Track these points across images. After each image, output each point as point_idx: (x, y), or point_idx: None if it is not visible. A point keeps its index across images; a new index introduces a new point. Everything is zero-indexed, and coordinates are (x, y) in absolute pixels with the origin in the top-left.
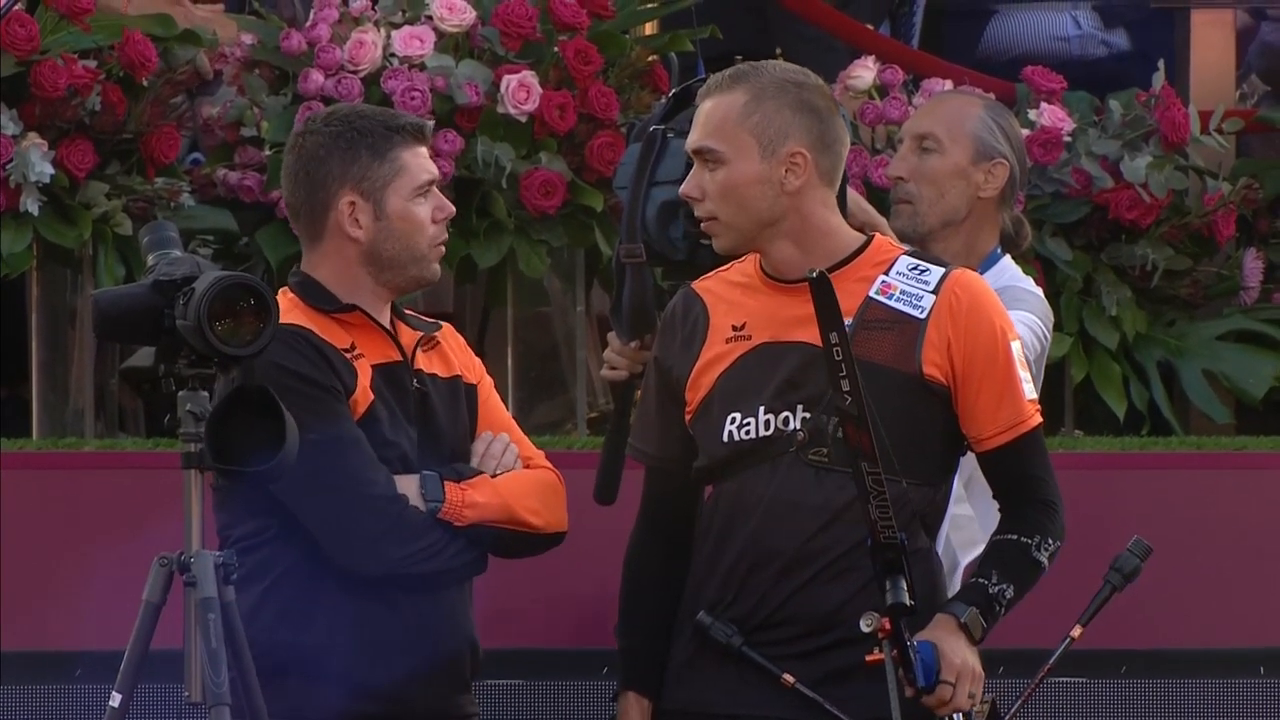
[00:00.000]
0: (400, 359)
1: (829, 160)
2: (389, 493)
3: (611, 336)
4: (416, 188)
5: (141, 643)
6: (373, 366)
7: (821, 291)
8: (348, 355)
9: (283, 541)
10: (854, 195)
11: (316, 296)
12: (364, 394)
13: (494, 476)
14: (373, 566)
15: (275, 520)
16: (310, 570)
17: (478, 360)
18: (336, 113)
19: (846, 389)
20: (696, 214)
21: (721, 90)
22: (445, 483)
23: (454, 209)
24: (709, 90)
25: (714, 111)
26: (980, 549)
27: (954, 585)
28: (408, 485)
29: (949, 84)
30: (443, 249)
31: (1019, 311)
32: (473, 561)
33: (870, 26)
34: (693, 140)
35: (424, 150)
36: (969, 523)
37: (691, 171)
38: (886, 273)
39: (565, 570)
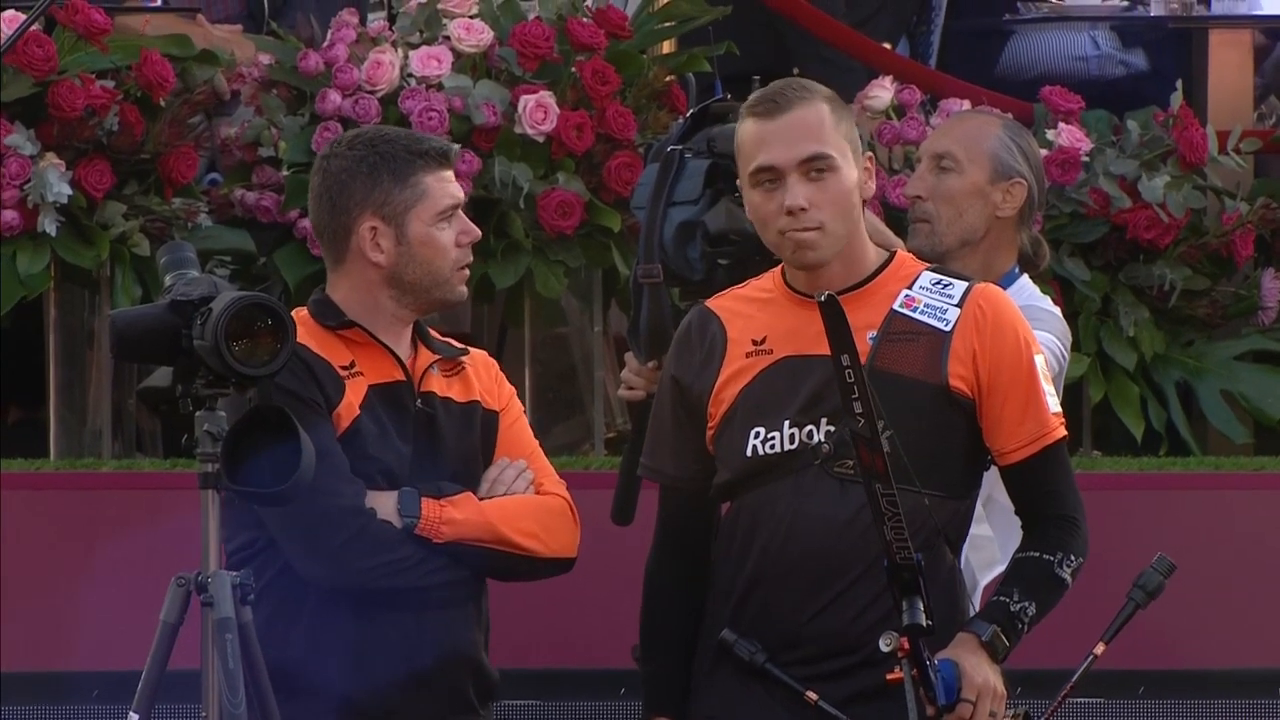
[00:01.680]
0: (403, 379)
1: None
2: (354, 505)
3: (629, 357)
4: (439, 212)
5: (159, 663)
6: (370, 385)
7: (831, 314)
8: (343, 371)
9: (268, 555)
10: (870, 217)
11: (324, 313)
12: (349, 410)
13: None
14: (337, 578)
15: (262, 534)
16: (292, 584)
17: (509, 388)
18: (361, 135)
19: (859, 410)
20: (804, 224)
21: (803, 100)
22: (424, 499)
23: (479, 232)
24: (787, 101)
25: (809, 119)
26: (999, 569)
27: (973, 606)
28: (384, 501)
29: (967, 104)
30: (466, 272)
31: (1037, 332)
32: (458, 581)
33: (888, 45)
34: (797, 152)
35: (448, 174)
36: (988, 543)
37: (792, 184)
38: (910, 287)
39: (583, 591)
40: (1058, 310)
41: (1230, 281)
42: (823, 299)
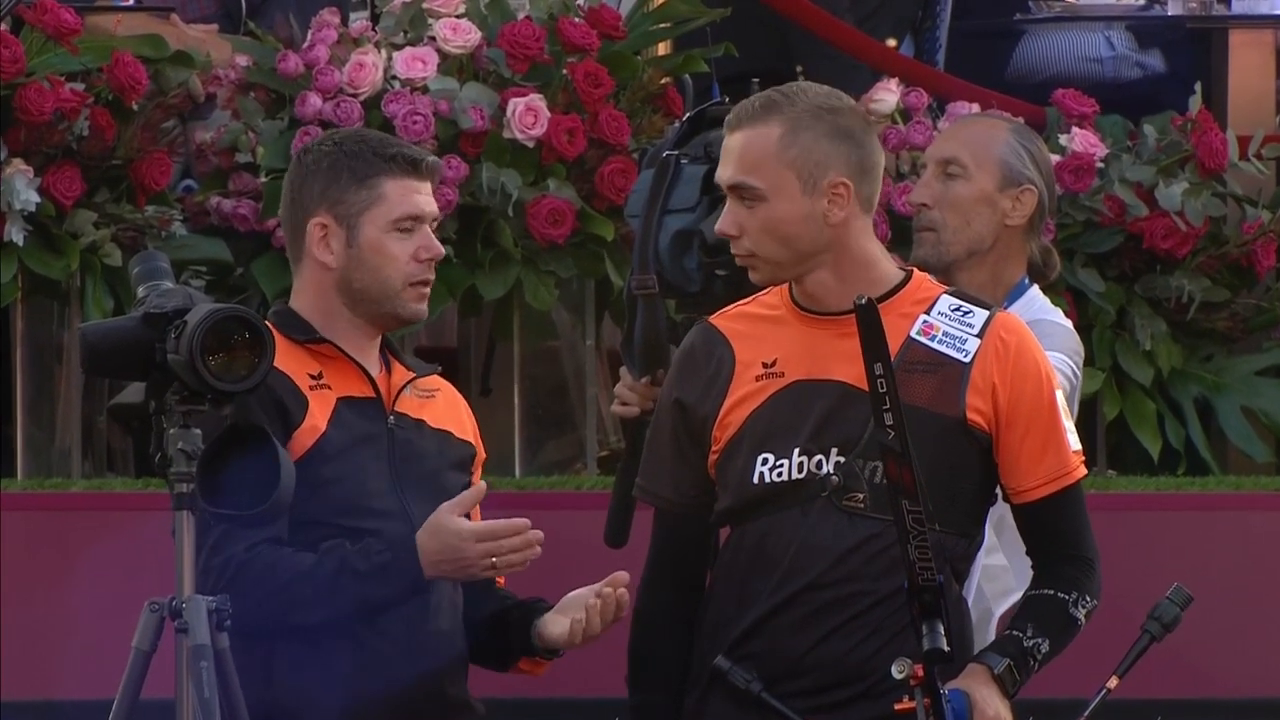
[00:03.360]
0: (372, 395)
1: (869, 187)
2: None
3: (623, 372)
4: (394, 220)
5: (131, 692)
6: (340, 398)
7: (868, 320)
8: (310, 382)
9: None
10: None
11: (291, 325)
12: (313, 427)
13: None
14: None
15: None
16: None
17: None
18: (338, 134)
19: (890, 423)
20: (734, 251)
21: (753, 121)
22: None
23: (442, 251)
24: (739, 120)
25: (749, 145)
26: (1014, 598)
27: (987, 636)
28: None
29: (975, 107)
30: (424, 290)
31: (1049, 352)
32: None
33: (893, 42)
34: (727, 175)
35: (417, 185)
36: (1003, 573)
37: (726, 207)
38: (928, 312)
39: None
40: (1069, 324)
41: (1251, 293)
42: (862, 303)
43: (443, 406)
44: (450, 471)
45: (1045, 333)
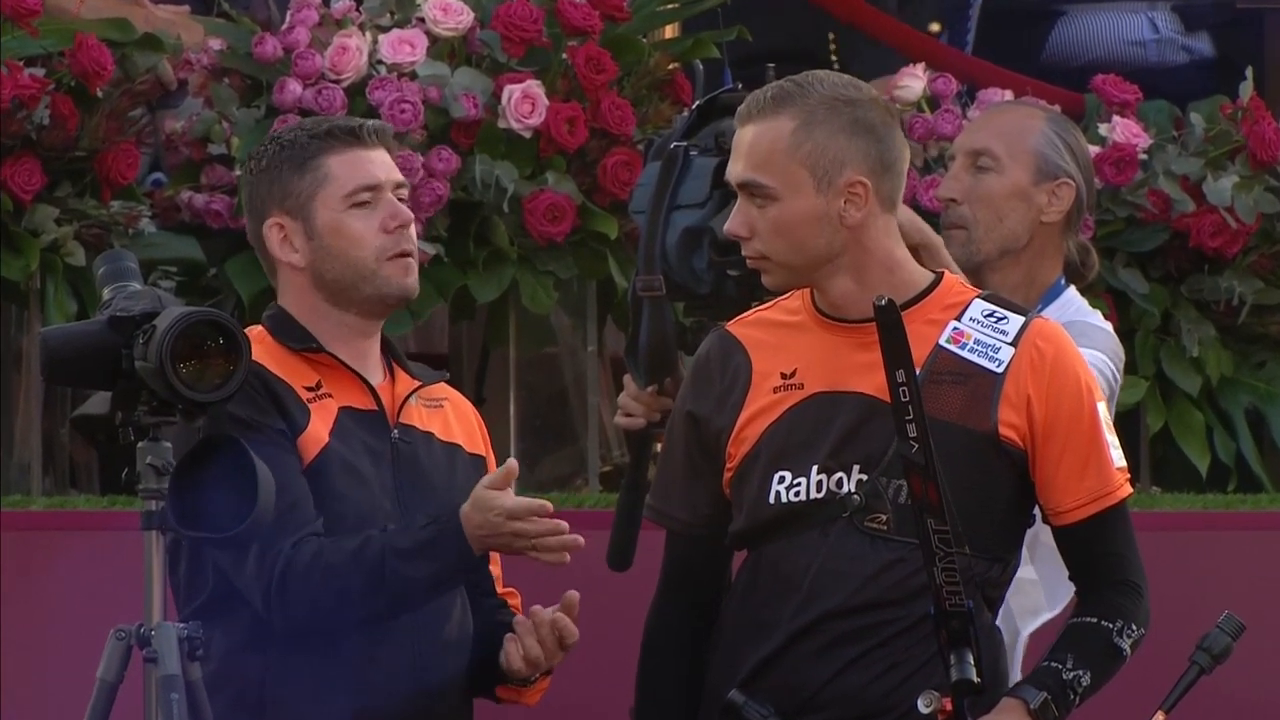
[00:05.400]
0: (374, 408)
1: (890, 183)
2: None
3: (627, 380)
4: (346, 196)
5: None
6: (341, 408)
7: (889, 322)
8: (308, 393)
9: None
10: (907, 212)
11: (286, 332)
12: (315, 439)
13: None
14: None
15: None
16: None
17: (486, 437)
18: (276, 132)
19: (913, 434)
20: (744, 252)
21: (765, 115)
22: None
23: (410, 215)
24: (750, 113)
25: (759, 140)
26: (1045, 617)
27: (1014, 658)
28: None
29: (1008, 95)
30: (406, 261)
31: (1087, 350)
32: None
33: (936, 26)
34: (736, 173)
35: (364, 154)
36: (1033, 588)
37: (736, 206)
38: (958, 318)
39: (576, 644)
40: (1109, 326)
41: None
42: (881, 303)
43: (452, 416)
44: (459, 490)
45: (1082, 333)
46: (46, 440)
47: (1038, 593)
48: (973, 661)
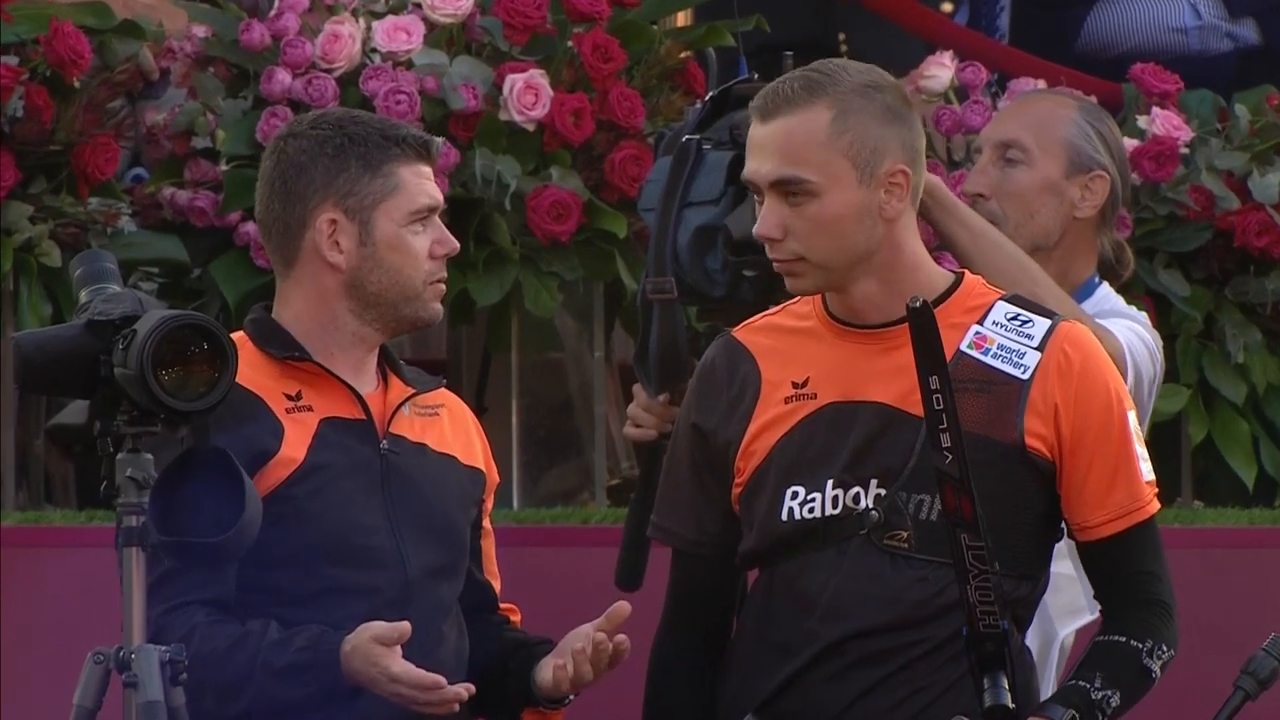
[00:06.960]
0: (362, 417)
1: (919, 175)
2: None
3: (637, 389)
4: (413, 212)
5: None
6: (323, 420)
7: (923, 325)
8: (287, 403)
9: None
10: (933, 179)
11: (266, 337)
12: (287, 459)
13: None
14: None
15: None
16: None
17: (486, 446)
18: (328, 115)
19: (946, 445)
20: (775, 255)
21: (796, 105)
22: None
23: (457, 245)
24: (776, 105)
25: (793, 133)
26: (1084, 620)
27: (1049, 661)
28: None
29: (1041, 84)
30: (442, 288)
31: (1123, 320)
32: None
33: (948, 7)
34: (768, 170)
35: (427, 171)
36: (1070, 584)
37: (766, 207)
38: (980, 322)
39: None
40: (1146, 319)
41: None
42: (916, 305)
43: (448, 426)
44: (455, 505)
45: (1119, 311)
46: (20, 452)
47: (1075, 590)
48: (1007, 686)
